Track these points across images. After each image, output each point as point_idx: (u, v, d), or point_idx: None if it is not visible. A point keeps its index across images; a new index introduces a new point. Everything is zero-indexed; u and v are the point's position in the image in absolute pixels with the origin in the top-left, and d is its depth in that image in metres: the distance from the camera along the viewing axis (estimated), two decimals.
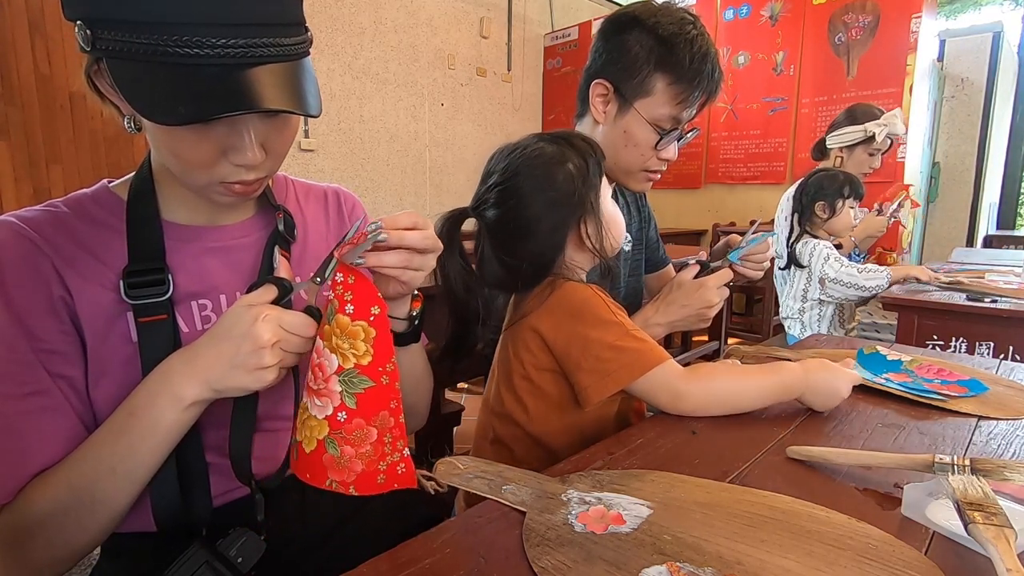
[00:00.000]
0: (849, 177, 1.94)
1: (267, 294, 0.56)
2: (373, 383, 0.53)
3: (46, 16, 2.80)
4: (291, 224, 0.72)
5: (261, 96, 0.50)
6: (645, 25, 0.99)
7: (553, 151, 0.81)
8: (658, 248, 1.34)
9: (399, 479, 0.54)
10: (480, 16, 4.80)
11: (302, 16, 0.56)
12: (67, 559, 0.56)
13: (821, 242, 1.93)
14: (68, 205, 0.62)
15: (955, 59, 4.45)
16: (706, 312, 1.00)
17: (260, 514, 0.63)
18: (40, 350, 0.56)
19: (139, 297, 0.59)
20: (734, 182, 4.32)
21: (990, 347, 1.56)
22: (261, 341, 0.52)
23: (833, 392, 0.74)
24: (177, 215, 0.66)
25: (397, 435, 0.54)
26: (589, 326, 0.75)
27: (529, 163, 0.80)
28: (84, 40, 0.50)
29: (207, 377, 0.53)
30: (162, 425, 0.54)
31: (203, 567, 0.56)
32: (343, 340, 0.53)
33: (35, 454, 0.55)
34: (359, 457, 0.53)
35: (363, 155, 4.20)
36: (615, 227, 0.86)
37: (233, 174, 0.57)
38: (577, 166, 0.81)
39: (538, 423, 0.81)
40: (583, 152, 0.82)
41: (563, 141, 0.83)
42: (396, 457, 0.54)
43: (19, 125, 2.79)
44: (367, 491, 0.54)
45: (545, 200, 0.79)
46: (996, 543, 0.41)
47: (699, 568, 0.42)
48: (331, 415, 0.53)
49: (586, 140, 0.85)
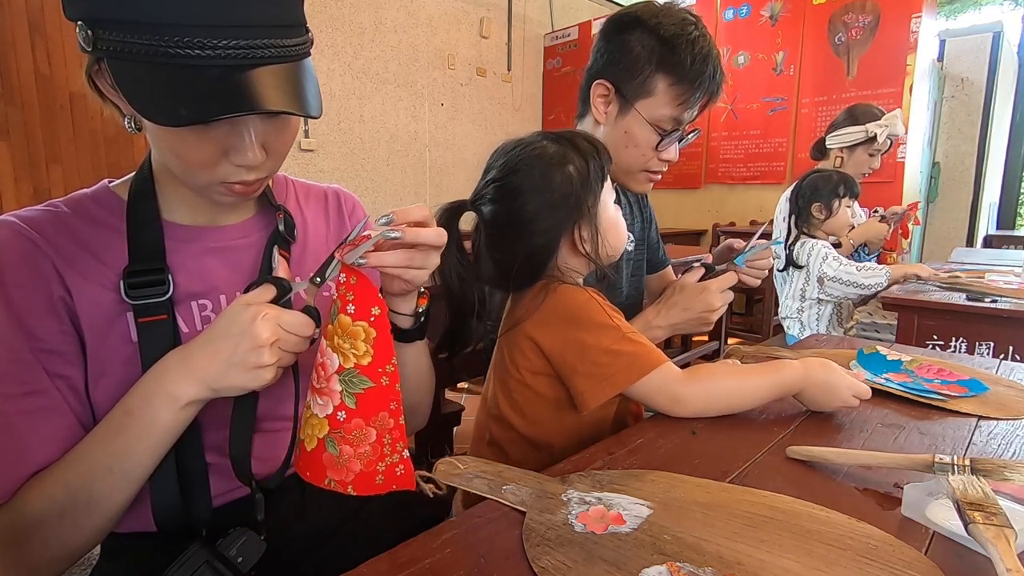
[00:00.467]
0: (843, 176, 1.94)
1: (266, 293, 0.55)
2: (373, 384, 0.53)
3: (46, 16, 2.80)
4: (291, 224, 0.72)
5: (262, 97, 0.50)
6: (647, 25, 0.99)
7: (555, 151, 0.80)
8: (658, 249, 1.34)
9: (397, 480, 0.54)
10: (480, 16, 4.80)
11: (303, 17, 0.55)
12: (64, 559, 0.56)
13: (819, 241, 1.93)
14: (68, 205, 0.62)
15: (955, 59, 4.45)
16: (708, 316, 0.99)
17: (260, 514, 0.63)
18: (39, 350, 0.56)
19: (139, 297, 0.59)
20: (734, 182, 4.32)
21: (990, 347, 1.56)
22: (259, 339, 0.51)
23: (830, 390, 0.73)
24: (177, 215, 0.66)
25: (396, 436, 0.54)
26: (585, 330, 0.74)
27: (529, 161, 0.79)
28: (85, 40, 0.50)
29: (204, 376, 0.53)
30: (159, 425, 0.54)
31: (203, 566, 0.56)
32: (344, 340, 0.53)
33: (32, 454, 0.55)
34: (358, 457, 0.53)
35: (363, 155, 4.20)
36: (614, 234, 0.83)
37: (234, 174, 0.57)
38: (578, 168, 0.79)
39: (534, 426, 0.81)
40: (586, 154, 0.80)
41: (567, 141, 0.81)
42: (395, 458, 0.54)
43: (19, 125, 2.79)
44: (365, 491, 0.54)
45: (540, 201, 0.78)
46: (996, 543, 0.41)
47: (699, 568, 0.42)
48: (331, 414, 0.53)
49: (592, 142, 0.83)
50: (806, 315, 2.01)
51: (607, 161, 0.83)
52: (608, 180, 0.83)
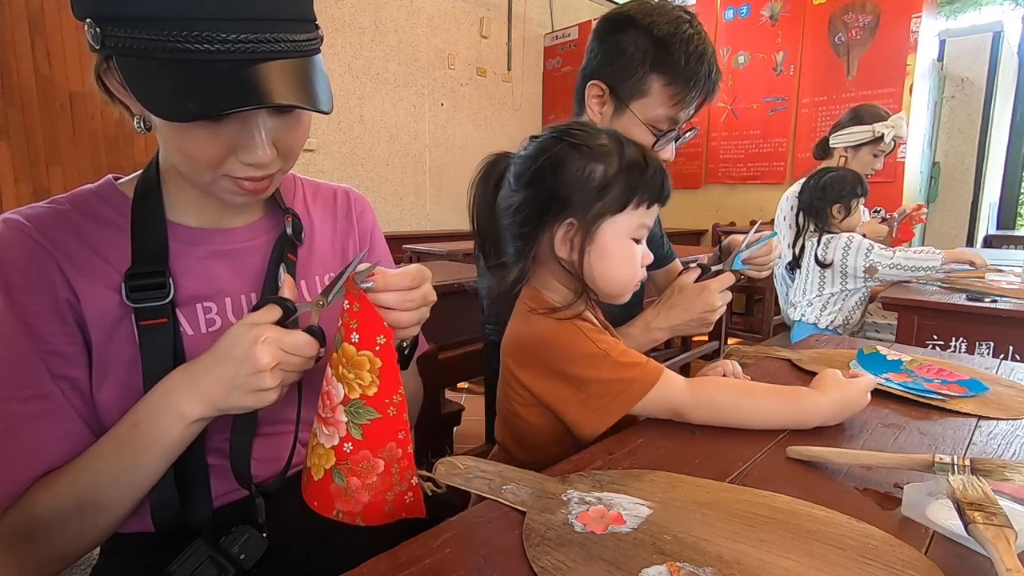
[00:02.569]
0: (857, 176, 1.95)
1: (271, 314, 0.54)
2: (379, 415, 0.51)
3: (46, 16, 2.80)
4: (299, 227, 0.71)
5: (271, 91, 0.49)
6: (640, 25, 0.98)
7: (612, 148, 0.71)
8: (662, 244, 1.33)
9: (407, 508, 0.53)
10: (480, 16, 4.80)
11: (312, 13, 0.55)
12: (66, 559, 0.57)
13: (854, 235, 1.93)
14: (72, 202, 0.61)
15: (955, 59, 4.46)
16: (708, 317, 0.99)
17: (261, 517, 0.63)
18: (43, 352, 0.56)
19: (140, 300, 0.58)
20: (734, 182, 4.32)
21: (990, 347, 1.56)
22: (260, 364, 0.51)
23: (850, 407, 0.70)
24: (184, 217, 0.65)
25: (405, 465, 0.53)
26: (574, 365, 0.69)
27: (583, 139, 0.71)
28: (94, 38, 0.49)
29: (209, 397, 0.53)
30: (166, 439, 0.54)
31: (207, 562, 0.56)
32: (349, 370, 0.51)
33: (37, 457, 0.55)
34: (366, 488, 0.52)
35: (363, 155, 4.20)
36: (611, 264, 0.72)
37: (243, 170, 0.56)
38: (605, 173, 0.70)
39: (535, 455, 0.75)
40: (628, 169, 0.71)
41: (626, 147, 0.72)
42: (404, 487, 0.53)
43: (19, 125, 2.79)
44: (375, 521, 0.53)
45: (557, 177, 0.70)
46: (996, 543, 0.41)
47: (699, 568, 0.42)
48: (337, 445, 0.52)
49: (652, 168, 0.73)
50: (829, 309, 2.01)
51: (650, 194, 0.73)
52: (645, 215, 0.74)
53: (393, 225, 4.43)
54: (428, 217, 4.68)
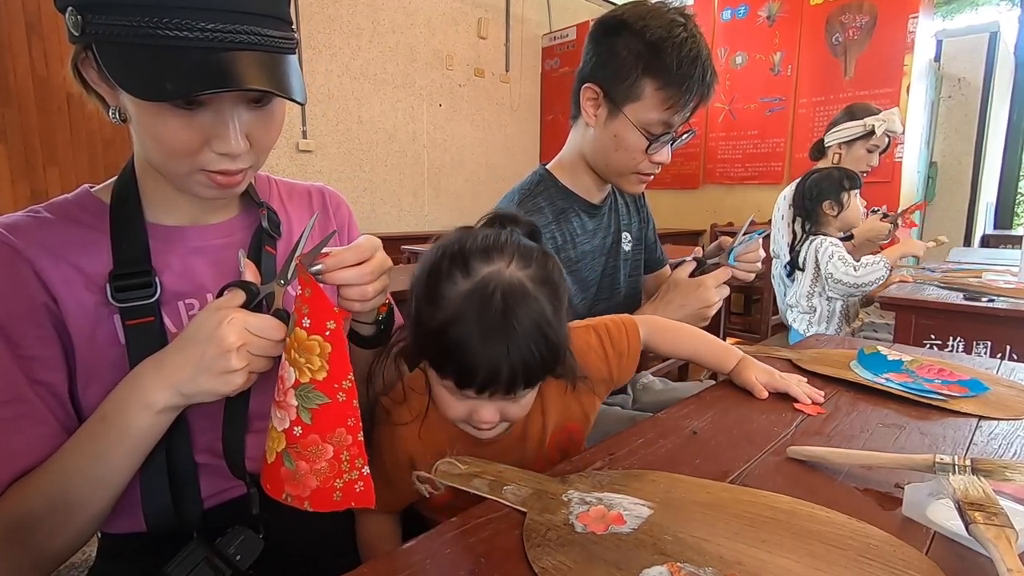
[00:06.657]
0: (843, 170, 1.95)
1: (235, 298, 0.54)
2: (328, 399, 0.52)
3: (43, 18, 2.80)
4: (275, 220, 0.72)
5: (244, 77, 0.51)
6: (633, 29, 0.97)
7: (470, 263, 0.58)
8: (655, 248, 1.33)
9: (356, 498, 0.53)
10: (478, 17, 4.80)
11: (288, 15, 0.57)
12: (47, 562, 0.56)
13: (827, 239, 1.92)
14: (50, 211, 0.62)
15: (952, 59, 4.47)
16: (705, 311, 0.99)
17: (255, 508, 0.62)
18: (20, 356, 0.56)
19: (126, 300, 0.59)
20: (732, 182, 4.33)
21: (987, 346, 1.56)
22: (226, 344, 0.51)
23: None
24: (161, 216, 0.66)
25: (355, 453, 0.53)
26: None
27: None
28: (74, 26, 0.51)
29: (175, 382, 0.53)
30: (133, 431, 0.53)
31: (202, 563, 0.56)
32: (300, 354, 0.52)
33: (12, 462, 0.54)
34: (314, 473, 0.52)
35: (361, 156, 4.19)
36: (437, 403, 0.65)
37: (216, 163, 0.57)
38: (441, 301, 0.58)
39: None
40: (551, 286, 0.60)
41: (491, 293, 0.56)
42: (354, 475, 0.53)
43: (16, 127, 2.78)
44: (322, 507, 0.53)
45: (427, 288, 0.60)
46: (997, 543, 0.41)
47: (700, 568, 0.42)
48: (288, 428, 0.52)
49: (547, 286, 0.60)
50: (817, 313, 2.01)
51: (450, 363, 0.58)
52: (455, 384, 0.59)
53: (391, 226, 4.42)
54: (426, 218, 4.67)
